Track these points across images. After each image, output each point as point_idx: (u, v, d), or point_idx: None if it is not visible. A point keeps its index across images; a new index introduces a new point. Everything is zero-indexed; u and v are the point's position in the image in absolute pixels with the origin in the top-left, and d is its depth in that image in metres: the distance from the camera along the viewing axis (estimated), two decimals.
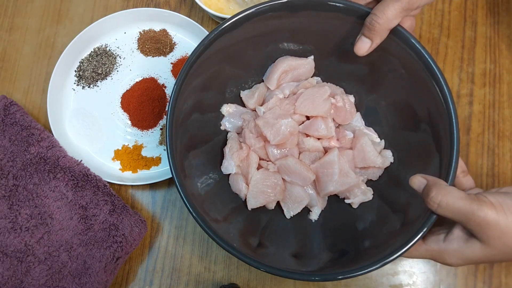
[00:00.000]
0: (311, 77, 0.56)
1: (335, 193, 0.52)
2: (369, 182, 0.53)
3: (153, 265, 0.55)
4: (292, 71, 0.55)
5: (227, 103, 0.55)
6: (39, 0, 0.66)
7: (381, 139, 0.54)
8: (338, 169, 0.50)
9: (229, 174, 0.53)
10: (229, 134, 0.55)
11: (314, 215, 0.52)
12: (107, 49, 0.62)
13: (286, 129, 0.50)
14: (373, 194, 0.52)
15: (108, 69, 0.61)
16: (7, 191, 0.54)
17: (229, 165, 0.52)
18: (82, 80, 0.61)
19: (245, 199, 0.52)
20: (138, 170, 0.58)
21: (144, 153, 0.59)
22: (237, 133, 0.55)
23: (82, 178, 0.54)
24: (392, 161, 0.52)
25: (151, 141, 0.59)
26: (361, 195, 0.52)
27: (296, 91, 0.55)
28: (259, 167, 0.53)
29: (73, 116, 0.60)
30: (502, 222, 0.37)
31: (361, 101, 0.56)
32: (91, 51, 0.62)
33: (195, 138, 0.51)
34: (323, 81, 0.56)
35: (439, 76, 0.45)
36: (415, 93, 0.49)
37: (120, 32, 0.63)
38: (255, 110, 0.55)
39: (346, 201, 0.52)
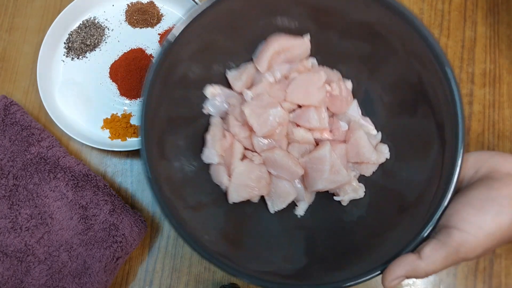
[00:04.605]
0: (306, 58, 0.52)
1: (323, 190, 0.49)
2: (361, 177, 0.51)
3: (153, 265, 0.55)
4: (285, 52, 0.50)
5: (212, 84, 0.50)
6: (39, 0, 0.66)
7: (378, 131, 0.51)
8: (329, 166, 0.46)
9: (211, 163, 0.50)
10: (212, 119, 0.50)
11: (300, 210, 0.50)
12: (96, 21, 0.63)
13: (275, 120, 0.46)
14: (365, 192, 0.50)
15: (96, 41, 0.63)
16: (7, 191, 0.54)
17: (210, 154, 0.48)
18: (71, 52, 0.62)
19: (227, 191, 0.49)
20: (127, 138, 0.59)
21: (132, 121, 0.60)
22: (222, 118, 0.51)
23: (82, 178, 0.54)
24: (388, 157, 0.49)
25: (139, 110, 0.60)
26: (352, 192, 0.49)
27: (288, 75, 0.50)
28: (244, 157, 0.49)
29: (63, 87, 0.61)
30: (478, 244, 0.36)
31: (359, 85, 0.51)
32: (80, 24, 0.63)
33: (176, 116, 0.47)
34: (319, 63, 0.52)
35: (435, 44, 0.41)
36: (415, 71, 0.45)
37: (108, 5, 0.65)
38: (242, 94, 0.50)
39: (335, 198, 0.50)
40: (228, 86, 0.51)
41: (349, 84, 0.51)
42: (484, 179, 0.39)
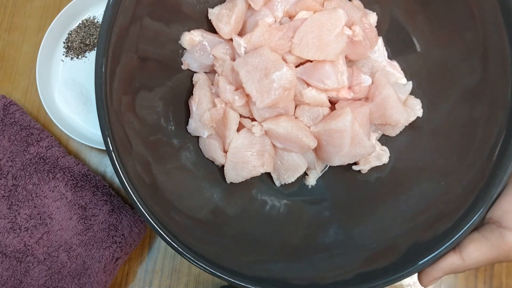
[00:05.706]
0: None
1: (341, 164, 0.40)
2: (384, 137, 0.42)
3: (153, 266, 0.55)
4: None
5: (189, 30, 0.37)
6: (39, 0, 0.66)
7: (408, 79, 0.40)
8: (350, 139, 0.36)
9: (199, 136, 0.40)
10: (195, 77, 0.39)
11: (312, 180, 0.42)
12: (95, 20, 0.63)
13: (280, 86, 0.34)
14: (389, 157, 0.41)
15: (96, 40, 0.62)
16: (7, 191, 0.53)
17: (198, 128, 0.39)
18: (71, 51, 0.62)
19: (222, 166, 0.40)
20: None
21: None
22: (206, 72, 0.40)
23: (81, 178, 0.54)
24: (421, 115, 0.39)
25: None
26: (374, 160, 0.40)
27: (293, 14, 0.38)
28: (240, 126, 0.39)
29: (62, 87, 0.61)
30: None
31: (384, 12, 0.39)
32: (79, 23, 0.63)
33: (147, 65, 0.36)
34: None
35: None
36: None
37: None
38: (231, 40, 0.38)
39: (354, 168, 0.41)
40: (211, 29, 0.38)
41: (373, 18, 0.40)
42: None
